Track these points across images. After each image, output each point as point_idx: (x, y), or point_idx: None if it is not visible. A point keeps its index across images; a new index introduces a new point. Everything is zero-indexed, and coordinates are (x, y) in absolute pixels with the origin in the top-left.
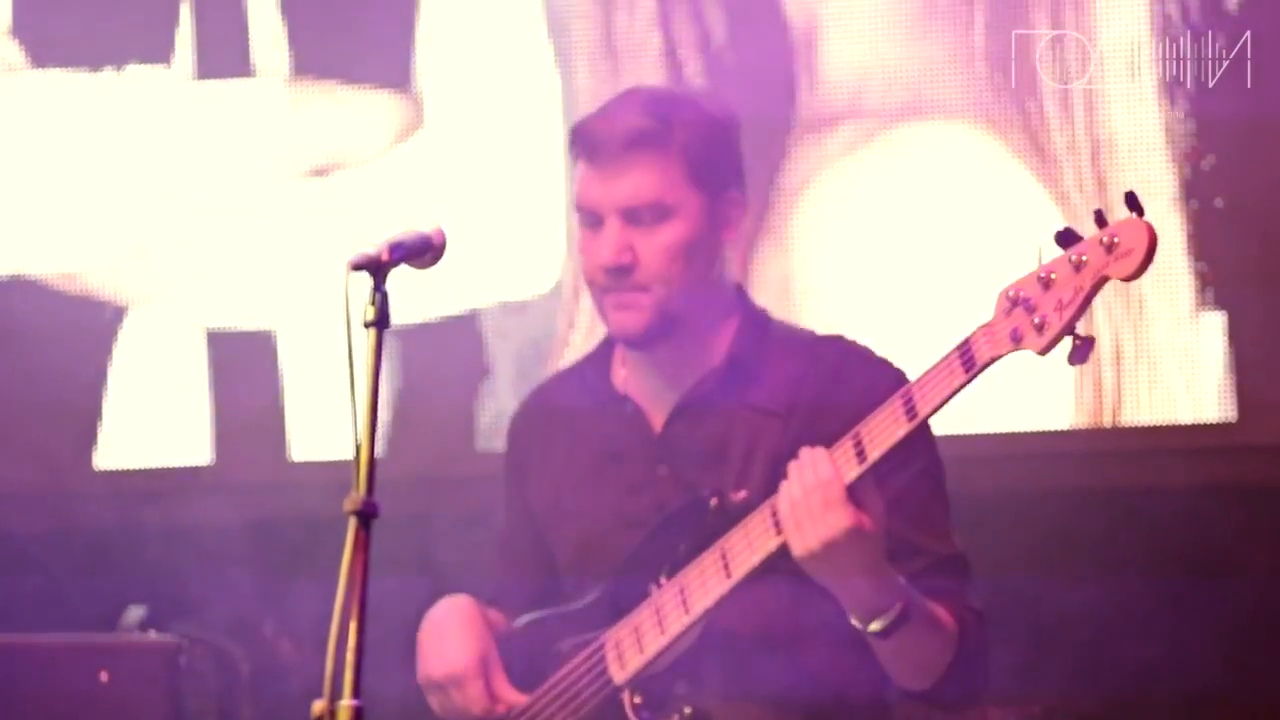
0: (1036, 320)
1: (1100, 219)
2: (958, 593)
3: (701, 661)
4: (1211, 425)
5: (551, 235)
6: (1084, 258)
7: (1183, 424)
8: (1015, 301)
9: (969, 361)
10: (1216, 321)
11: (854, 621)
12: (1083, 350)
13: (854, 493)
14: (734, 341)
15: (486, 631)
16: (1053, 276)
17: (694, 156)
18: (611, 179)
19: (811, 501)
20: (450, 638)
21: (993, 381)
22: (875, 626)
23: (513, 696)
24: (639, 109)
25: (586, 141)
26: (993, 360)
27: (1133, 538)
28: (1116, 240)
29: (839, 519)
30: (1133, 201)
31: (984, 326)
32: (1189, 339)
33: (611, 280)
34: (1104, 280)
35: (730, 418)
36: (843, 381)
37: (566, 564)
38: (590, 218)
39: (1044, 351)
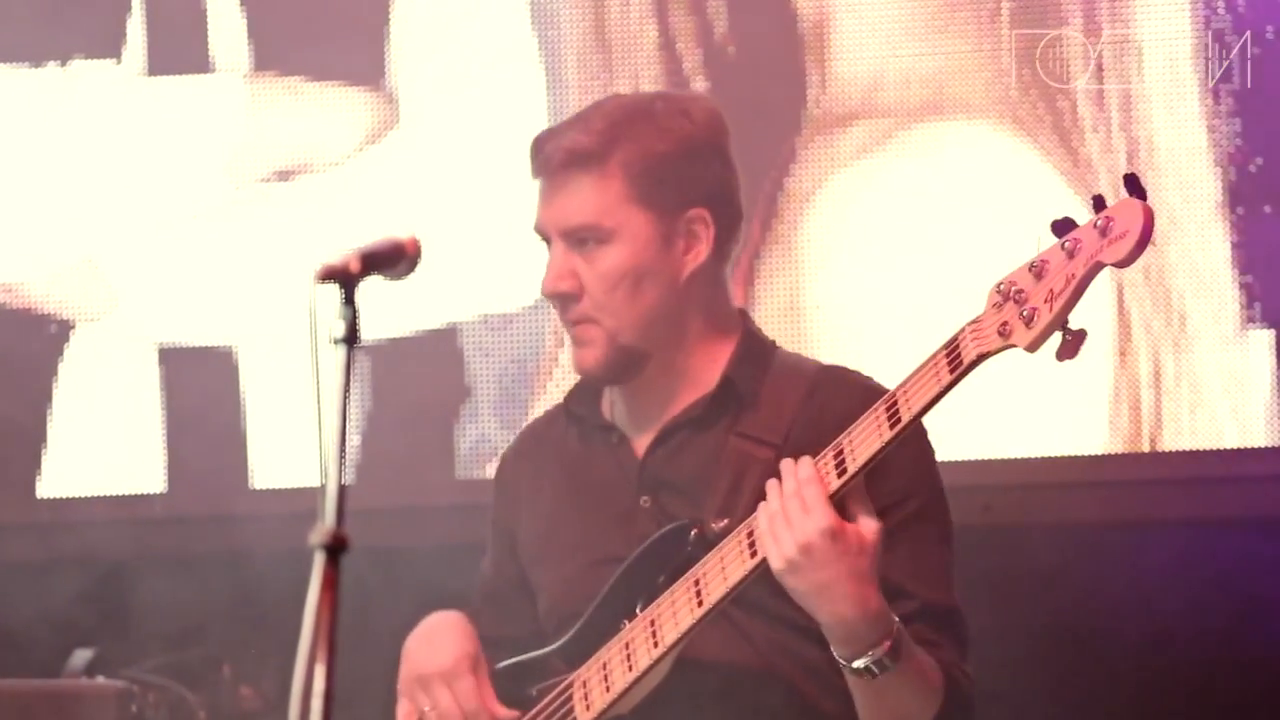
0: (1025, 313)
1: (1099, 203)
2: (947, 649)
3: (675, 702)
4: (1260, 450)
5: (537, 243)
6: (1078, 244)
7: (1228, 449)
8: (1006, 295)
9: (955, 360)
10: (1264, 339)
11: (837, 655)
12: (1072, 345)
13: (842, 505)
14: (729, 366)
15: (477, 639)
16: (1046, 266)
17: (638, 175)
18: (551, 199)
19: (790, 507)
20: (440, 638)
21: (1017, 400)
22: (859, 664)
23: (501, 712)
24: (583, 125)
25: (535, 158)
26: (981, 358)
27: (1173, 574)
28: (1111, 223)
29: (816, 520)
30: (1133, 184)
31: (972, 323)
32: (1235, 357)
33: (559, 309)
34: (1098, 266)
35: (718, 445)
36: (841, 410)
37: (548, 605)
38: (543, 240)
39: (1032, 347)
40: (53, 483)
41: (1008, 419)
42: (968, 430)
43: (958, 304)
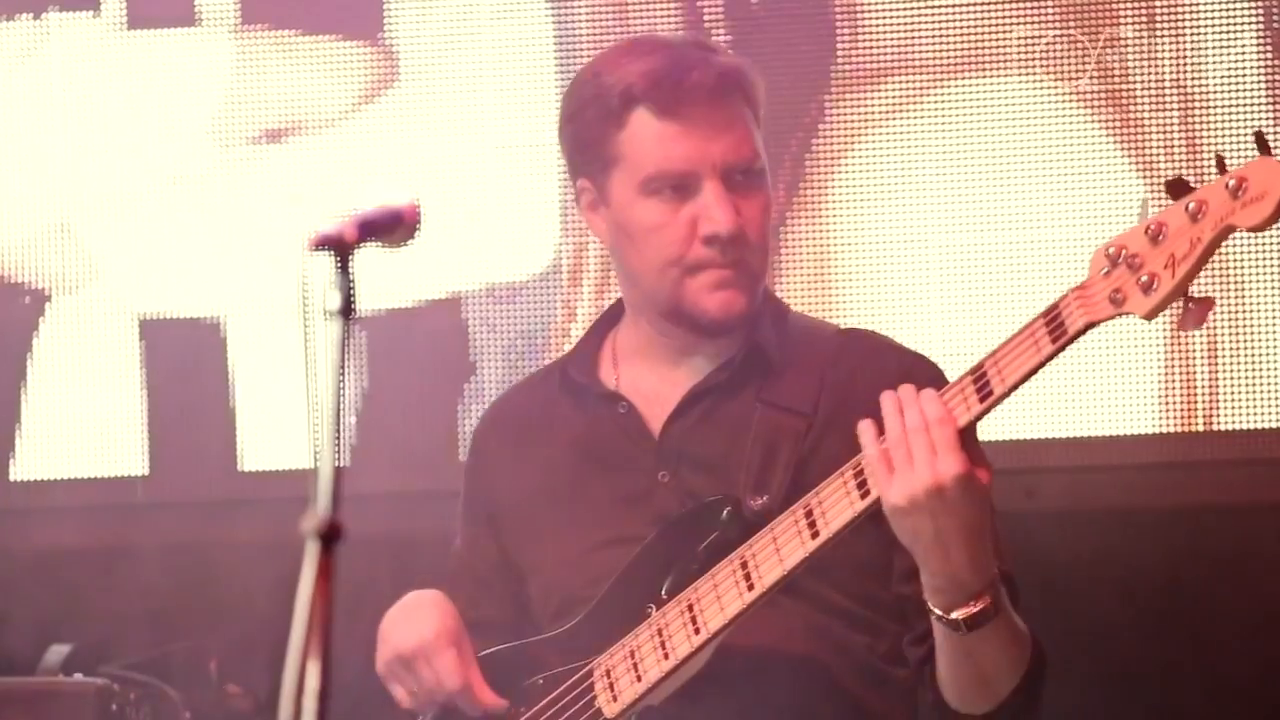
0: (1143, 278)
1: (1222, 163)
2: None
3: (707, 690)
4: None
5: (545, 208)
6: (1204, 205)
7: None
8: (1116, 260)
9: (1058, 329)
10: None
11: (932, 606)
12: (1198, 313)
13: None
14: (752, 328)
15: (458, 616)
16: (1164, 228)
17: (759, 109)
18: (710, 134)
19: (916, 443)
20: (417, 614)
21: (1063, 377)
22: (959, 614)
23: (489, 697)
24: (709, 50)
25: (663, 91)
26: (1088, 327)
27: (1230, 562)
28: (1245, 183)
29: (950, 464)
30: (1262, 142)
31: (1077, 289)
32: None
33: (717, 254)
34: (1228, 230)
35: (745, 415)
36: (873, 377)
37: (546, 588)
38: (675, 182)
39: (1151, 315)
40: (27, 465)
41: (1052, 397)
42: (1009, 409)
43: (999, 273)
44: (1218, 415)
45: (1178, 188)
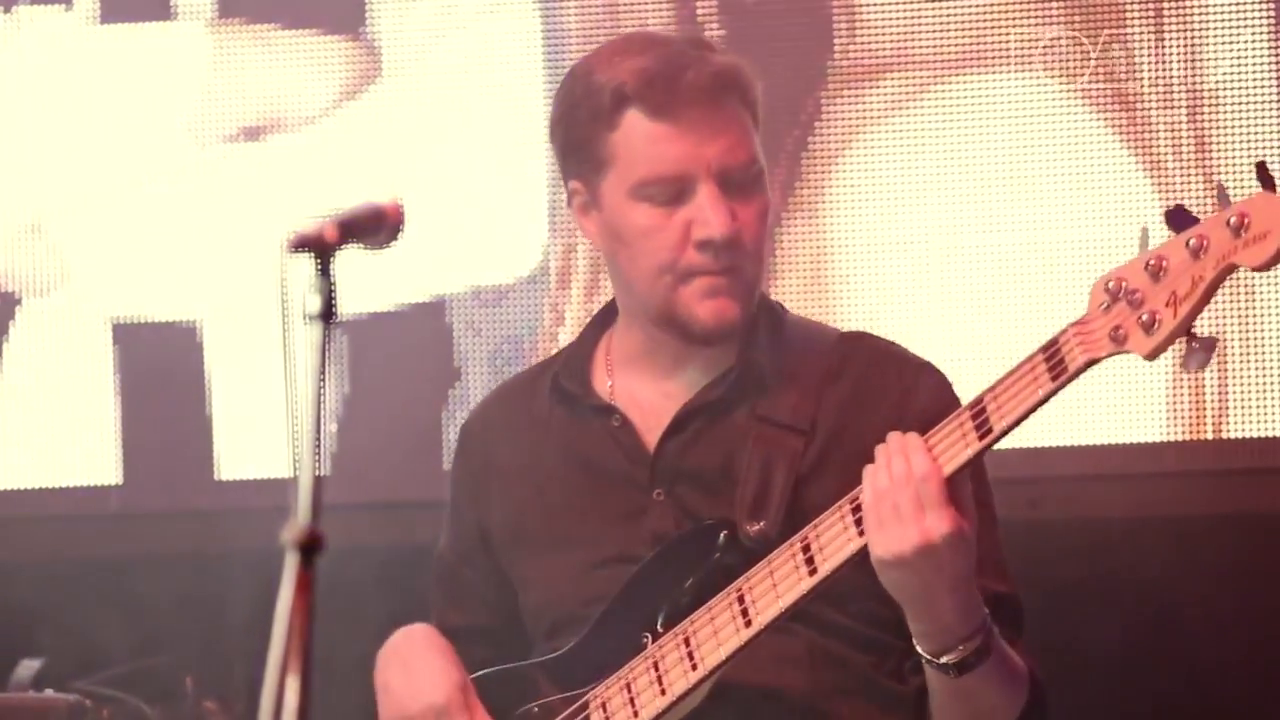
0: (1144, 317)
1: (1223, 195)
2: (1018, 646)
3: (706, 712)
4: None
5: (532, 208)
6: (1205, 241)
7: None
8: (1115, 294)
9: (1058, 367)
10: None
11: (922, 651)
12: (1202, 354)
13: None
14: (748, 340)
15: (457, 659)
16: (1164, 264)
17: (757, 112)
18: (705, 136)
19: (901, 498)
20: (420, 667)
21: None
22: (949, 659)
23: None
24: (706, 49)
25: (656, 91)
26: (1088, 365)
27: (1240, 575)
28: (1247, 220)
29: (941, 523)
30: (1264, 174)
31: (1076, 324)
32: None
33: (711, 259)
34: (1230, 269)
35: (742, 432)
36: (874, 388)
37: (539, 605)
38: (669, 185)
39: (1153, 355)
40: None
41: (1057, 403)
42: None
43: (1000, 273)
44: (1227, 422)
45: (1178, 218)
